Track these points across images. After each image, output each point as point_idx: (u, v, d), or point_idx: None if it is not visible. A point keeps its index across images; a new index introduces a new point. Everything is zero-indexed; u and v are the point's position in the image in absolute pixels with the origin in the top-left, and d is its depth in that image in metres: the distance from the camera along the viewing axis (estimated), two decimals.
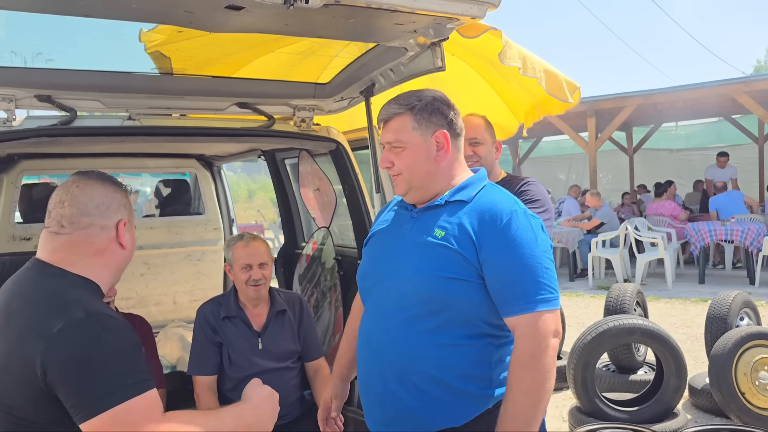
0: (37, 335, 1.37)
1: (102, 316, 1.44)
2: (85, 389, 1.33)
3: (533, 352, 1.60)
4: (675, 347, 4.05)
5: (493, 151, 2.69)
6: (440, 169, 1.79)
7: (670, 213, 10.76)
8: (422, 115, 1.76)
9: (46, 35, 2.46)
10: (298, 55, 2.88)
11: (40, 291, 1.46)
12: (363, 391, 1.87)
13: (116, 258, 1.63)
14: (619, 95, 11.72)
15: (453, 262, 1.67)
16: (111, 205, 1.61)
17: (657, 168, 16.77)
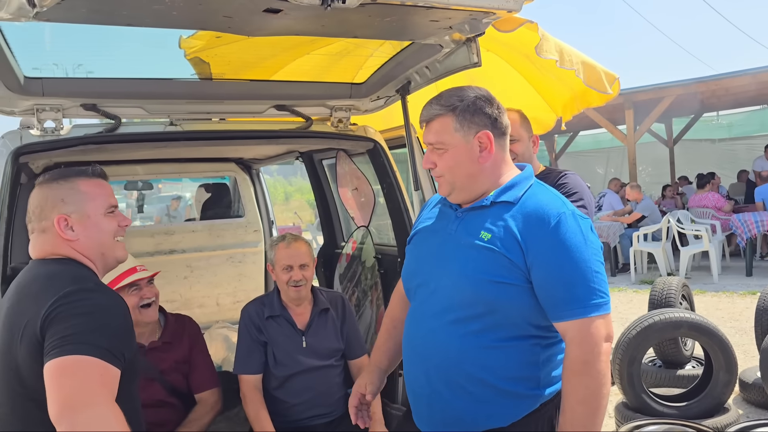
0: (51, 293, 1.51)
1: (112, 292, 1.63)
2: (67, 332, 1.45)
3: (586, 359, 1.57)
4: (724, 341, 3.95)
5: (530, 146, 2.67)
6: (484, 169, 1.76)
7: (714, 204, 10.48)
8: (464, 115, 1.73)
9: (89, 46, 2.54)
10: (333, 56, 2.90)
11: (52, 269, 1.63)
12: (410, 391, 1.87)
13: (78, 250, 1.70)
14: (657, 86, 11.46)
15: (499, 265, 1.65)
16: (44, 206, 1.69)
17: (698, 159, 16.36)
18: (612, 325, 1.64)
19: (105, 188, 1.80)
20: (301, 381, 2.79)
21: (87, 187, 1.74)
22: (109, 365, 1.46)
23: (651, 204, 10.60)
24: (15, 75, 2.32)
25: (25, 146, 2.40)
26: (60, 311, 1.48)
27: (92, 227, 1.71)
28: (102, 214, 1.74)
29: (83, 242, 1.70)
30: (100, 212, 1.74)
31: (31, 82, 2.42)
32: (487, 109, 1.76)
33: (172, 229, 4.47)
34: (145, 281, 2.68)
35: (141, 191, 5.74)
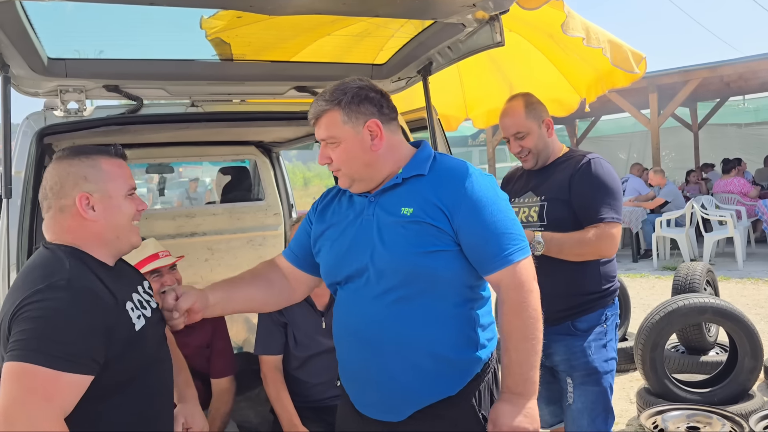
0: (22, 291, 1.47)
1: (86, 289, 1.52)
2: (27, 336, 1.40)
3: (522, 299, 1.68)
4: (750, 327, 3.89)
5: (543, 133, 2.58)
6: (380, 156, 1.79)
7: (740, 190, 10.30)
8: (350, 107, 1.75)
9: (111, 27, 2.54)
10: (354, 37, 2.87)
11: (34, 261, 1.59)
12: (355, 381, 1.86)
13: (94, 231, 1.63)
14: (682, 69, 11.22)
15: (430, 235, 1.70)
16: (65, 183, 1.61)
17: (723, 144, 16.06)
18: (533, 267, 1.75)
19: (126, 169, 1.74)
20: (320, 362, 2.80)
21: (109, 166, 1.67)
22: (62, 374, 1.39)
23: (674, 189, 10.44)
24: (39, 56, 2.32)
25: (49, 127, 2.42)
26: (22, 312, 1.43)
27: (113, 208, 1.65)
28: (123, 196, 1.69)
29: (102, 224, 1.64)
30: (121, 193, 1.68)
31: (55, 64, 2.43)
32: (372, 96, 1.78)
33: (193, 212, 4.49)
34: (167, 268, 2.68)
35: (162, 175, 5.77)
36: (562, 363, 2.52)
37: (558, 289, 2.43)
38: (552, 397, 2.67)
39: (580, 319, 2.49)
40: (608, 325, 2.52)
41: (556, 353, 2.53)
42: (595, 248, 2.39)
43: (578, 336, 2.48)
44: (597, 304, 2.50)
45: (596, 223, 2.38)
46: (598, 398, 2.45)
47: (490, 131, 13.57)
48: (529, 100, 2.59)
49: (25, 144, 2.37)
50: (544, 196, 2.54)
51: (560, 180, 2.50)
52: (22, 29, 2.11)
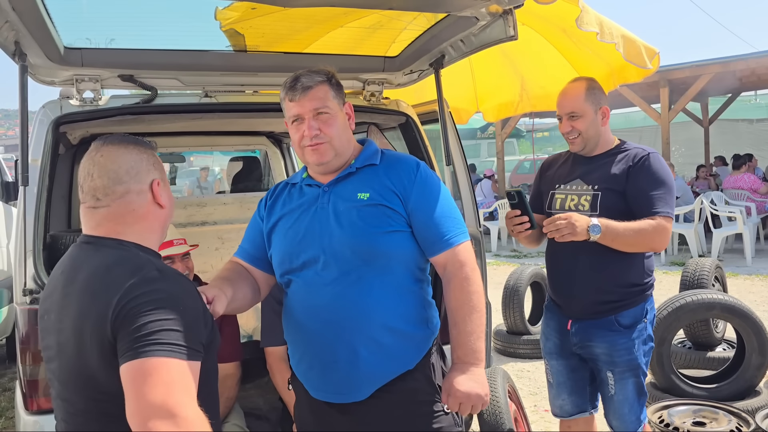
0: (113, 291, 1.37)
1: (178, 276, 1.49)
2: (143, 332, 1.32)
3: (467, 275, 1.82)
4: (758, 323, 3.89)
5: (597, 120, 2.54)
6: (350, 138, 1.94)
7: (750, 186, 10.24)
8: (337, 87, 1.90)
9: (127, 16, 2.56)
10: (366, 29, 2.88)
11: (107, 259, 1.46)
12: (317, 366, 1.86)
13: (159, 219, 1.59)
14: (694, 63, 11.12)
15: (387, 216, 1.82)
16: (141, 168, 1.55)
17: (734, 140, 15.97)
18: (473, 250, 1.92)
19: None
20: None
21: (158, 162, 1.63)
22: (188, 362, 1.34)
23: (683, 184, 10.40)
24: (55, 45, 2.35)
25: (65, 116, 2.44)
26: (128, 310, 1.35)
27: (170, 197, 1.63)
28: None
29: (167, 211, 1.61)
30: (167, 186, 1.65)
31: (71, 53, 2.45)
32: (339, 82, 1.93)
33: (204, 201, 4.53)
34: (180, 256, 2.70)
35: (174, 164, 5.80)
36: (603, 356, 2.55)
37: (606, 281, 2.50)
38: (575, 387, 2.71)
39: (623, 314, 2.51)
40: (647, 319, 2.56)
41: (596, 346, 2.55)
42: (649, 240, 2.40)
43: (621, 333, 2.50)
44: (639, 297, 2.53)
45: (652, 216, 2.40)
46: (635, 387, 2.55)
47: (500, 124, 13.53)
48: (591, 84, 2.57)
49: (42, 132, 2.39)
50: (597, 185, 2.52)
51: (616, 171, 2.50)
52: (39, 18, 2.13)
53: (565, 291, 2.63)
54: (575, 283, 2.56)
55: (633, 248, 2.44)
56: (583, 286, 2.54)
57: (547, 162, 2.84)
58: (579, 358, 2.65)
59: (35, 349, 2.18)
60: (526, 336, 5.48)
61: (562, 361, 2.70)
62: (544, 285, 5.79)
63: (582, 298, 2.56)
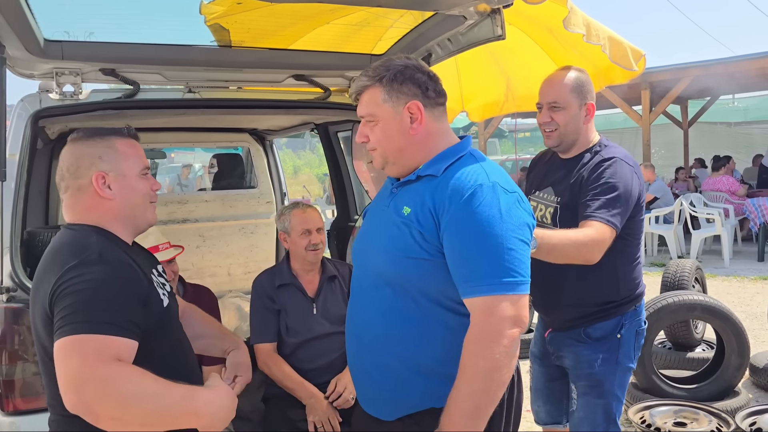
0: (55, 271, 1.51)
1: (117, 261, 1.57)
2: (66, 312, 1.44)
3: (482, 338, 1.49)
4: (738, 325, 3.94)
5: (580, 115, 2.32)
6: (415, 142, 1.69)
7: (728, 188, 10.38)
8: (392, 85, 1.66)
9: (109, 9, 2.51)
10: (353, 27, 2.85)
11: (61, 240, 1.62)
12: (352, 371, 1.84)
13: (111, 209, 1.67)
14: (675, 66, 11.27)
15: (414, 240, 1.60)
16: (81, 164, 1.65)
17: (713, 142, 16.17)
18: (526, 309, 1.53)
19: (139, 149, 1.77)
20: (313, 347, 2.81)
21: (123, 146, 1.70)
22: (110, 337, 1.43)
23: (663, 186, 10.50)
24: (35, 37, 2.29)
25: (44, 110, 2.39)
26: (61, 289, 1.47)
27: (128, 187, 1.68)
28: (137, 175, 1.71)
29: (118, 202, 1.67)
30: (135, 173, 1.71)
31: (51, 45, 2.39)
32: (418, 76, 1.68)
33: (185, 198, 4.47)
34: (165, 262, 2.67)
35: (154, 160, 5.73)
36: (571, 369, 2.42)
37: (567, 298, 2.35)
38: (551, 397, 2.62)
39: (593, 327, 2.33)
40: (622, 334, 2.32)
41: (565, 357, 2.44)
42: (582, 253, 2.14)
43: (588, 344, 2.33)
44: (613, 312, 2.32)
45: (586, 221, 2.17)
46: (598, 410, 2.33)
47: (482, 124, 13.57)
48: (580, 75, 2.34)
49: (20, 126, 2.34)
50: (560, 198, 2.36)
51: (577, 180, 2.30)
52: (19, 9, 2.08)
53: (543, 305, 2.53)
54: (552, 299, 2.43)
55: (569, 260, 2.16)
56: (558, 301, 2.41)
57: (533, 161, 2.72)
58: (558, 369, 2.53)
59: (12, 348, 2.13)
60: None
61: (543, 368, 2.63)
62: None
63: (558, 311, 2.45)
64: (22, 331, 2.14)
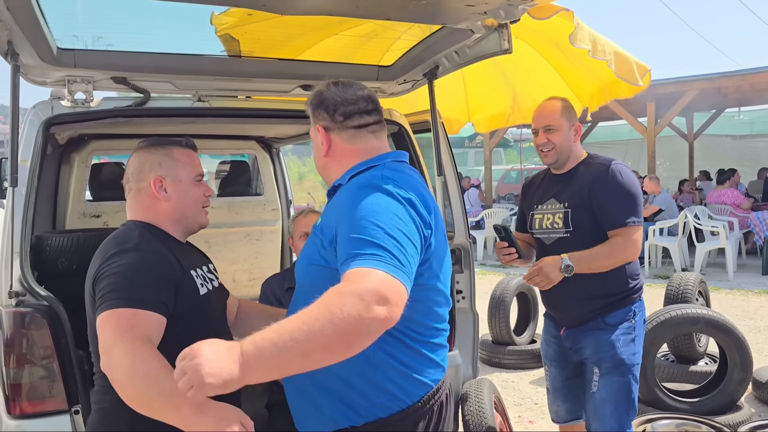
0: (99, 258, 1.75)
1: (153, 250, 1.77)
2: (108, 290, 1.66)
3: (339, 290, 1.33)
4: (741, 338, 3.93)
5: (570, 135, 2.69)
6: (330, 161, 1.78)
7: (733, 201, 10.38)
8: (312, 110, 1.80)
9: (122, 18, 2.54)
10: (361, 38, 2.89)
11: (112, 234, 1.86)
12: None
13: (164, 210, 1.90)
14: (681, 79, 11.29)
15: (317, 247, 1.63)
16: (143, 169, 1.89)
17: (718, 155, 16.18)
18: (397, 295, 1.36)
19: (195, 158, 1.98)
20: None
21: (180, 155, 1.93)
22: (139, 311, 1.62)
23: (668, 198, 10.50)
24: (48, 46, 2.32)
25: (56, 117, 2.42)
26: (101, 272, 1.70)
27: (182, 191, 1.90)
28: (191, 181, 1.93)
29: (172, 204, 1.89)
30: (189, 179, 1.93)
31: (64, 54, 2.43)
32: (328, 102, 1.76)
33: None
34: None
35: None
36: (591, 355, 2.63)
37: (588, 293, 2.61)
38: (570, 394, 2.82)
39: (609, 315, 2.62)
40: (636, 320, 2.63)
41: (586, 347, 2.65)
42: (621, 257, 2.53)
43: (607, 330, 2.60)
44: (624, 301, 2.63)
45: (618, 228, 2.52)
46: (621, 388, 2.56)
47: (488, 134, 13.60)
48: (566, 103, 2.73)
49: (32, 133, 2.36)
50: (567, 203, 2.65)
51: (581, 187, 2.62)
52: (33, 18, 2.11)
53: (556, 305, 2.78)
54: (565, 298, 2.68)
55: (611, 267, 2.55)
56: (571, 300, 2.66)
57: (527, 183, 2.99)
58: (575, 366, 2.76)
59: (20, 352, 2.15)
60: (512, 346, 5.50)
61: (560, 369, 2.84)
62: (530, 296, 5.83)
63: (572, 309, 2.69)
64: (30, 335, 2.16)
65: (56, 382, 2.17)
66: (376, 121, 1.80)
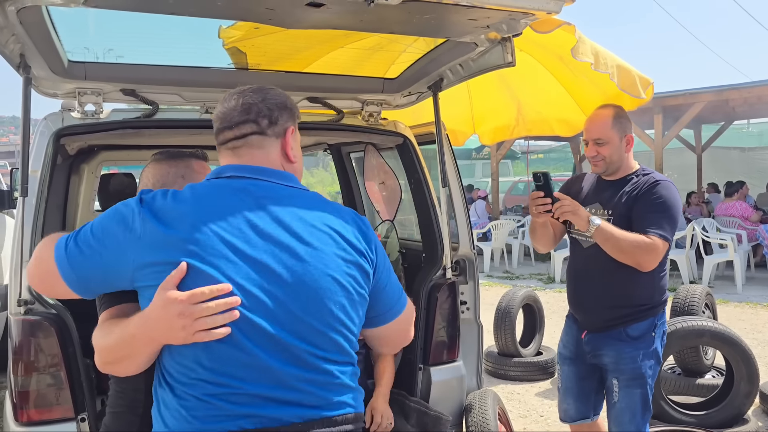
0: None
1: None
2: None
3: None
4: (747, 351, 3.92)
5: (622, 146, 2.67)
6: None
7: (741, 214, 10.34)
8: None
9: (131, 31, 2.59)
10: (367, 51, 2.93)
11: None
12: None
13: None
14: (688, 91, 11.26)
15: None
16: (166, 182, 1.93)
17: (726, 167, 16.11)
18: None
19: (208, 169, 2.01)
20: None
21: (198, 167, 2.00)
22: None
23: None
24: (60, 59, 2.37)
25: (66, 128, 2.46)
26: None
27: None
28: None
29: None
30: None
31: (75, 66, 2.48)
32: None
33: None
34: None
35: None
36: (611, 365, 2.69)
37: (614, 301, 2.66)
38: (580, 394, 2.89)
39: (632, 327, 2.65)
40: (656, 333, 2.68)
41: (606, 355, 2.70)
42: (639, 254, 2.49)
43: (628, 342, 2.64)
44: (647, 314, 2.66)
45: (646, 234, 2.50)
46: (640, 399, 2.65)
47: (495, 145, 13.62)
48: (618, 112, 2.69)
49: (42, 144, 2.41)
50: (611, 210, 2.67)
51: (628, 197, 2.63)
52: (45, 32, 2.16)
53: (582, 307, 2.83)
54: (590, 301, 2.75)
55: (621, 256, 2.51)
56: (597, 303, 2.72)
57: (571, 180, 2.99)
58: (590, 367, 2.82)
59: (27, 360, 2.18)
60: (517, 358, 5.49)
61: (574, 368, 2.89)
62: (536, 307, 5.82)
63: (596, 313, 2.74)
64: (39, 343, 2.19)
65: (63, 390, 2.20)
66: (237, 136, 1.56)
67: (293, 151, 1.61)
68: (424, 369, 2.95)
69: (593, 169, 2.76)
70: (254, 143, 1.56)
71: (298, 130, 1.66)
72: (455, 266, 3.18)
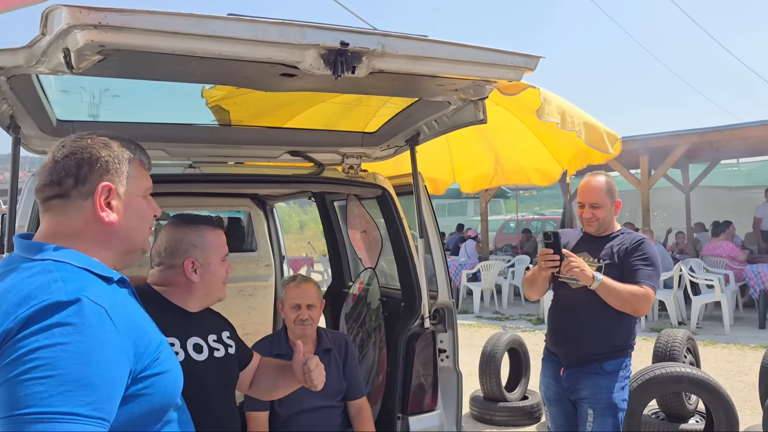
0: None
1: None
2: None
3: None
4: (725, 397, 3.95)
5: (612, 210, 3.10)
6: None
7: (728, 254, 10.44)
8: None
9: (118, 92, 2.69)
10: (346, 105, 3.03)
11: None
12: None
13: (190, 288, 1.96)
14: (671, 133, 11.49)
15: None
16: (177, 248, 1.95)
17: (715, 206, 16.24)
18: None
19: (222, 238, 2.04)
20: (304, 420, 2.86)
21: (211, 235, 2.00)
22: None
23: (663, 250, 10.56)
24: (48, 119, 2.47)
25: None
26: None
27: (210, 273, 1.98)
28: (218, 262, 2.00)
29: (198, 285, 1.96)
30: (217, 260, 2.00)
31: (63, 125, 2.57)
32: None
33: None
34: None
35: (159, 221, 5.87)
36: (588, 397, 3.01)
37: (592, 336, 2.99)
38: (571, 428, 3.13)
39: (607, 363, 3.01)
40: (625, 371, 3.05)
41: (583, 389, 3.02)
42: (636, 302, 2.89)
43: (604, 376, 2.99)
44: (621, 353, 3.04)
45: (639, 285, 2.90)
46: (612, 428, 2.95)
47: None
48: (609, 181, 3.12)
49: (30, 200, 2.49)
50: (601, 259, 3.06)
51: (616, 250, 3.04)
52: (35, 96, 2.26)
53: (565, 340, 3.11)
54: (574, 336, 3.04)
55: (621, 305, 2.90)
56: (581, 339, 3.02)
57: (562, 232, 3.28)
58: (573, 404, 3.10)
59: None
60: (503, 403, 5.50)
61: (560, 407, 3.17)
62: (522, 351, 5.85)
63: (578, 348, 3.04)
64: None
65: None
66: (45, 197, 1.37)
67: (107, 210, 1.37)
68: (402, 418, 2.99)
69: (587, 229, 3.14)
70: (55, 208, 1.35)
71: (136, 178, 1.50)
72: (434, 315, 3.24)
